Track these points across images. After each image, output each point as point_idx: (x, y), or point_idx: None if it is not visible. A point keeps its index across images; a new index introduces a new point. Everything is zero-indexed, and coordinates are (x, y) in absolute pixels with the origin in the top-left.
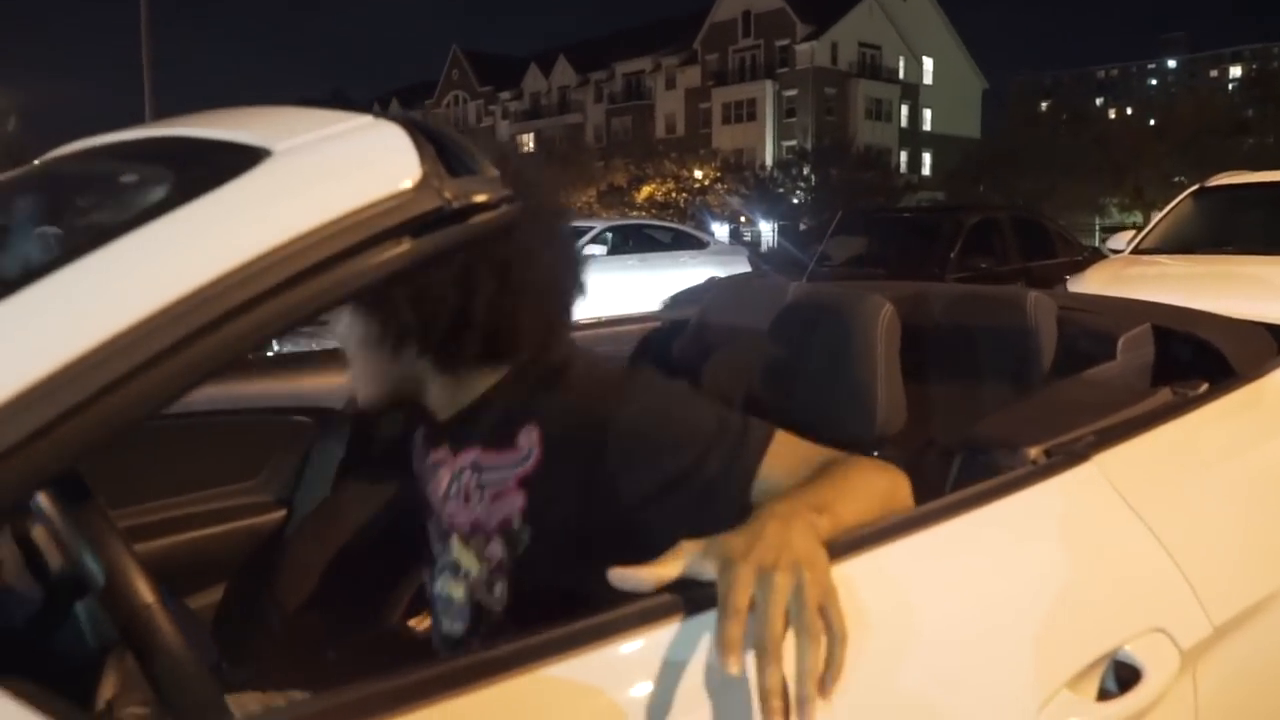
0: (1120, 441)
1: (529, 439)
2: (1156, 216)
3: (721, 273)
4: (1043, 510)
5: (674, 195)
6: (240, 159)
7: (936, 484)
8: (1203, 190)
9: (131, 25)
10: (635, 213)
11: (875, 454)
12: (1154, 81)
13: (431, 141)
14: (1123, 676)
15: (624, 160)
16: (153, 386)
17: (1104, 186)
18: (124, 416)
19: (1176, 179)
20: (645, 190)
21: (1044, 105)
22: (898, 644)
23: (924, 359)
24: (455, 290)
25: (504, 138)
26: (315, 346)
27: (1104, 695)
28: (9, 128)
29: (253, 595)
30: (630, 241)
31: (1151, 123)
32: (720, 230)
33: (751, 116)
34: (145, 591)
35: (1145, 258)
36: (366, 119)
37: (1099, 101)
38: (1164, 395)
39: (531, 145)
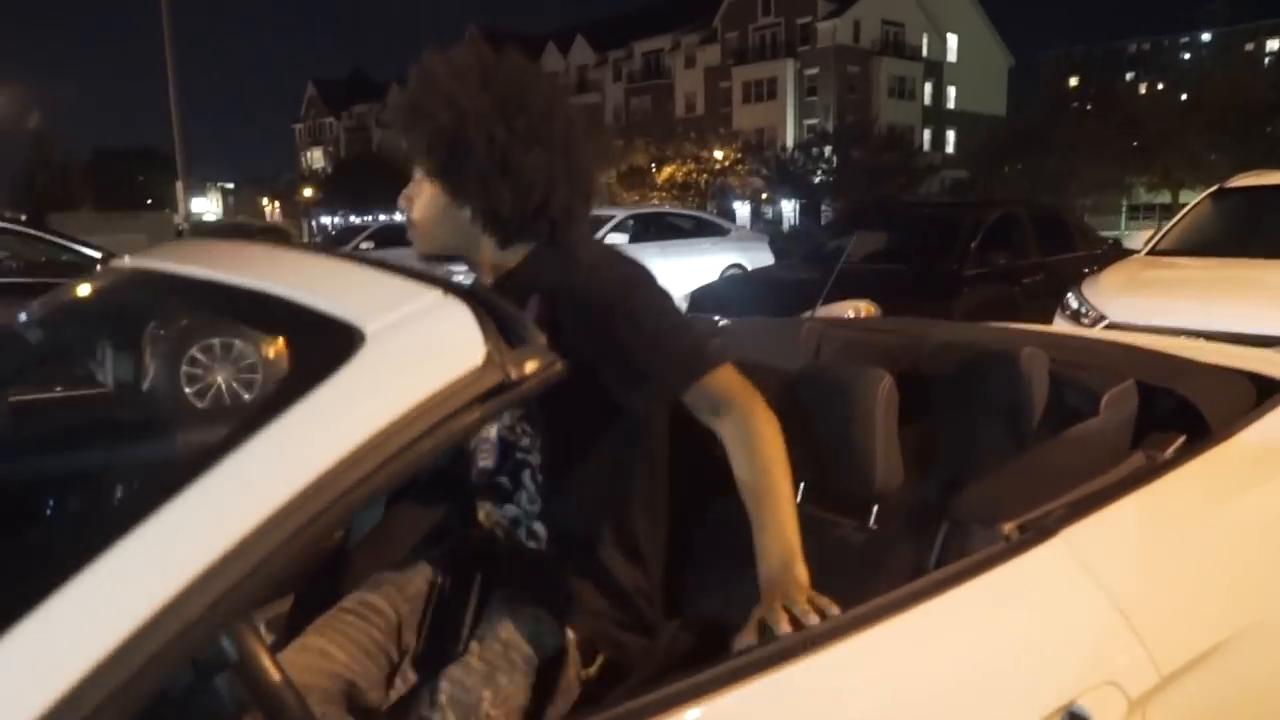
0: (1087, 514)
1: (534, 305)
2: (1185, 196)
3: (743, 259)
4: (1013, 587)
5: (695, 176)
6: (342, 342)
7: (925, 548)
8: (1222, 191)
9: (151, 7)
10: (656, 194)
11: (875, 508)
12: (1187, 55)
13: (491, 316)
14: None
15: (644, 140)
16: (296, 551)
17: (1131, 167)
18: (277, 575)
19: (1212, 157)
20: (666, 171)
21: (1073, 81)
22: (882, 705)
23: (923, 406)
24: (487, 148)
25: None
26: None
27: None
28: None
29: (320, 605)
30: (652, 229)
31: (1184, 97)
32: (742, 209)
33: (772, 95)
34: (272, 670)
35: (1161, 259)
36: (436, 295)
37: (1130, 76)
38: (1136, 460)
39: None
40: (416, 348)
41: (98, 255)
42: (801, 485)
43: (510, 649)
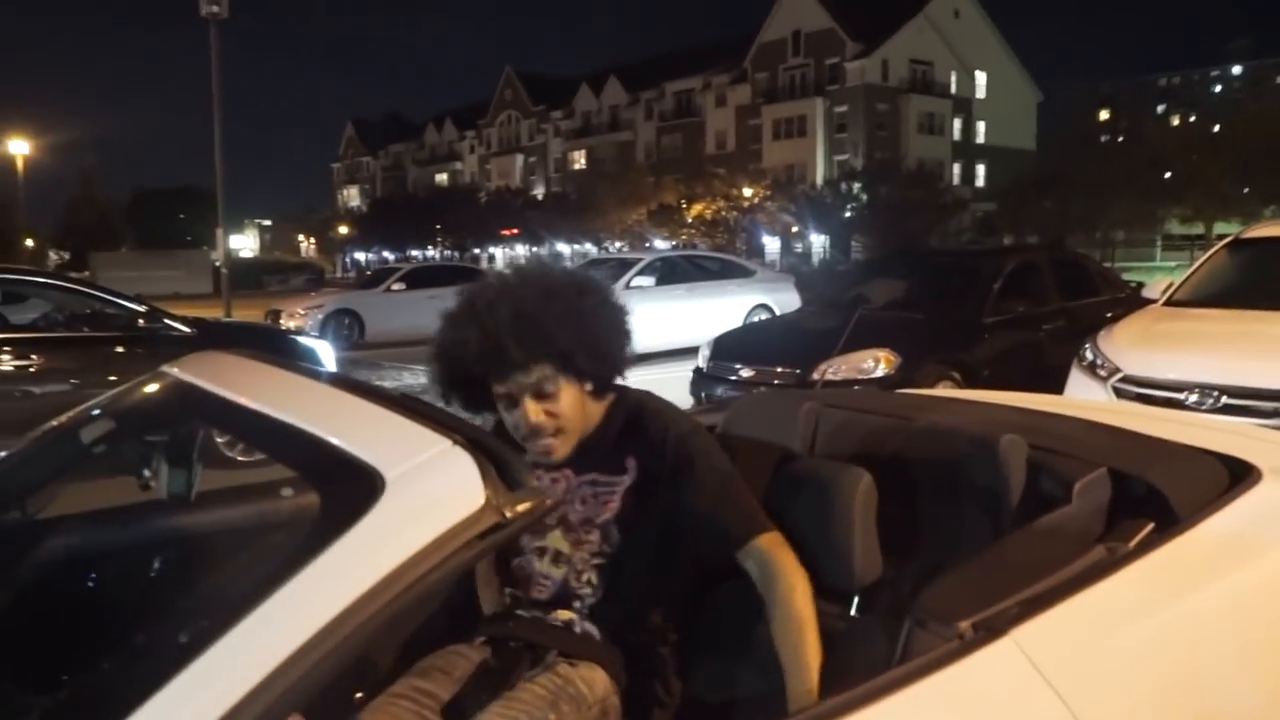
0: (1040, 611)
1: (631, 465)
2: (1220, 228)
3: (769, 300)
4: (964, 684)
5: (724, 213)
6: (367, 486)
7: (895, 641)
8: (1238, 242)
9: (193, 48)
10: (685, 231)
11: (856, 599)
12: (1218, 88)
13: (492, 461)
14: None
15: (674, 178)
16: (330, 667)
17: (1161, 202)
18: (315, 685)
19: (1245, 190)
20: (695, 209)
21: (1103, 115)
22: None
23: (907, 491)
24: (600, 340)
25: (556, 155)
26: None
27: None
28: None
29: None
30: (677, 271)
31: (1216, 128)
32: (771, 244)
33: (802, 133)
34: None
35: (1177, 310)
36: (446, 445)
37: (1160, 109)
38: (1097, 553)
39: (583, 163)
40: (427, 494)
41: (141, 309)
42: None
43: (570, 684)
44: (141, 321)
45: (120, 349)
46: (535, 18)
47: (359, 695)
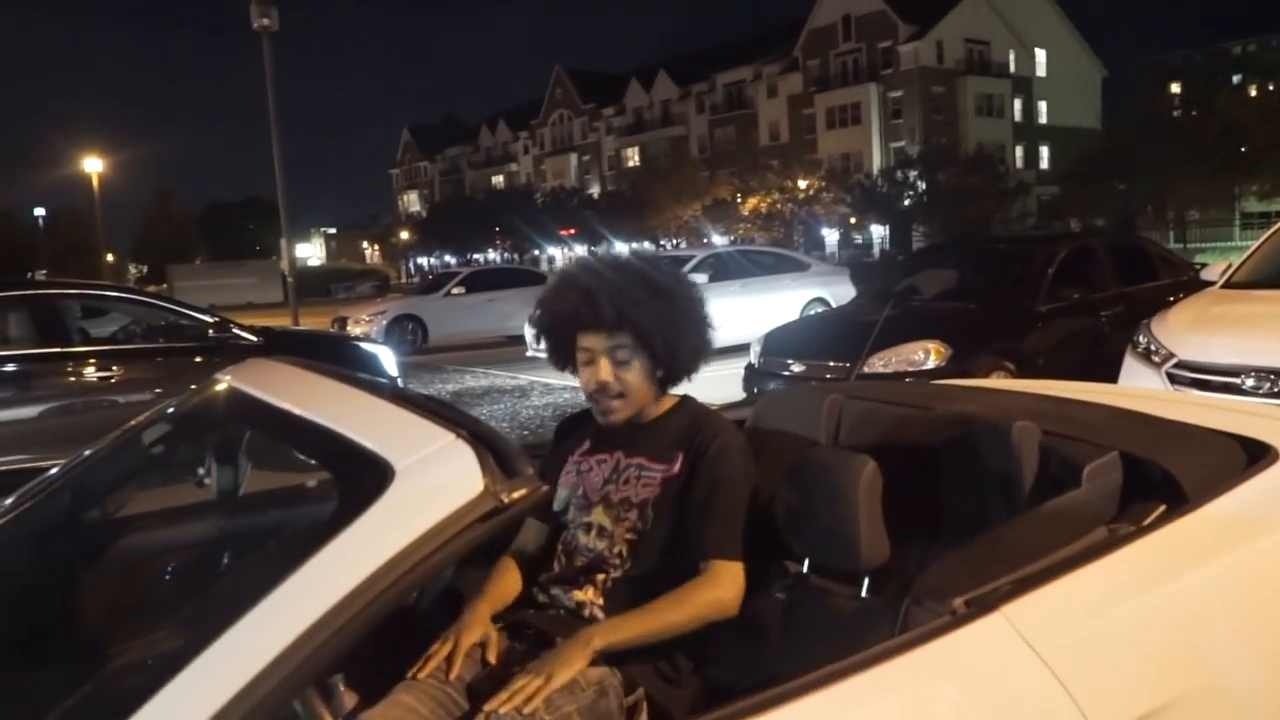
0: (1033, 589)
1: (678, 459)
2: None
3: (825, 293)
4: (954, 656)
5: (779, 206)
6: (378, 475)
7: (894, 621)
8: None
9: (253, 58)
10: (742, 225)
11: (867, 580)
12: None
13: (491, 452)
14: None
15: (728, 171)
16: (349, 635)
17: (1237, 178)
18: (337, 651)
19: None
20: (750, 203)
21: (1175, 88)
22: None
23: (927, 476)
24: (681, 331)
25: (609, 153)
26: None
27: None
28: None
29: (395, 659)
30: (732, 267)
31: None
32: (830, 236)
33: (856, 120)
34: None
35: (1233, 293)
36: (450, 438)
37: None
38: (1099, 534)
39: (636, 160)
40: (432, 482)
41: (211, 319)
42: (806, 560)
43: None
44: (211, 332)
45: (193, 359)
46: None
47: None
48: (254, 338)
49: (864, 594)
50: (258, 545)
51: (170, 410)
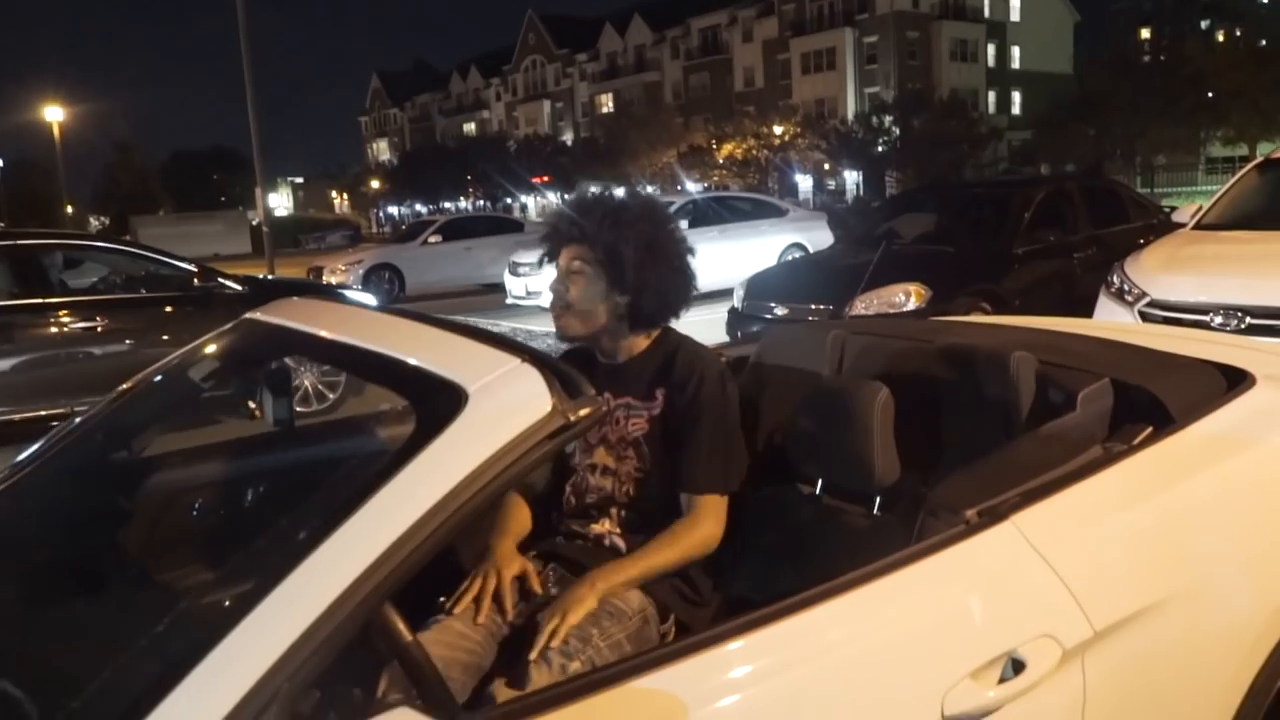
0: (1038, 500)
1: (660, 396)
2: (1264, 149)
3: (802, 238)
4: (968, 560)
5: (755, 153)
6: (453, 397)
7: (910, 531)
8: (1268, 162)
9: (220, 7)
10: (717, 172)
11: (879, 499)
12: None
13: (555, 375)
14: (1017, 668)
15: (703, 118)
16: (431, 547)
17: (1203, 124)
18: (416, 565)
19: None
20: (726, 149)
21: (1145, 34)
22: (859, 646)
23: (928, 404)
24: (649, 265)
25: (583, 100)
26: None
27: (1003, 681)
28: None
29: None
30: (710, 213)
31: (1263, 43)
32: (804, 183)
33: (831, 66)
34: (405, 633)
35: (1205, 234)
36: (516, 361)
37: (1205, 25)
38: (1094, 452)
39: (611, 106)
40: (503, 402)
41: (194, 269)
42: (820, 481)
43: (607, 603)
44: (196, 281)
45: (179, 308)
46: None
47: (442, 599)
48: (240, 287)
49: (875, 512)
50: (336, 469)
51: (213, 348)
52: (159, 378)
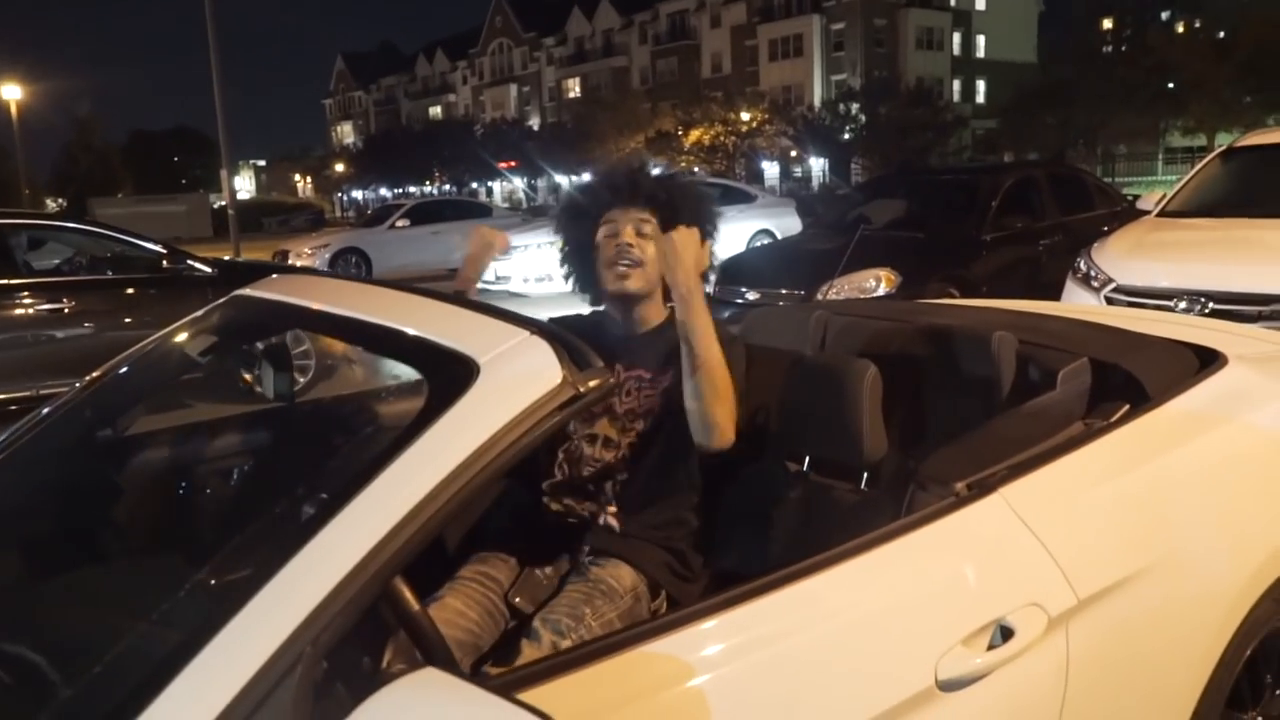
0: (1024, 474)
1: (675, 368)
2: (1222, 139)
3: (770, 224)
4: (958, 531)
5: (722, 139)
6: (465, 369)
7: (901, 504)
8: (1231, 151)
9: None
10: (684, 158)
11: (865, 475)
12: None
13: (564, 347)
14: (1005, 635)
15: (671, 103)
16: (444, 516)
17: (1163, 113)
18: (430, 534)
19: (1246, 99)
20: (693, 135)
21: (1107, 23)
22: (854, 614)
23: (911, 383)
24: (706, 229)
25: (550, 84)
26: None
27: (992, 648)
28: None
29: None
30: None
31: (1221, 35)
32: (770, 169)
33: (799, 52)
34: (412, 601)
35: (1169, 221)
36: (525, 334)
37: (1165, 16)
38: (1075, 428)
39: (578, 91)
40: (515, 373)
41: (163, 250)
42: (807, 457)
43: (600, 583)
44: (165, 263)
45: (148, 290)
46: None
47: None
48: (209, 269)
49: (863, 487)
50: (347, 440)
51: (207, 325)
52: (151, 354)
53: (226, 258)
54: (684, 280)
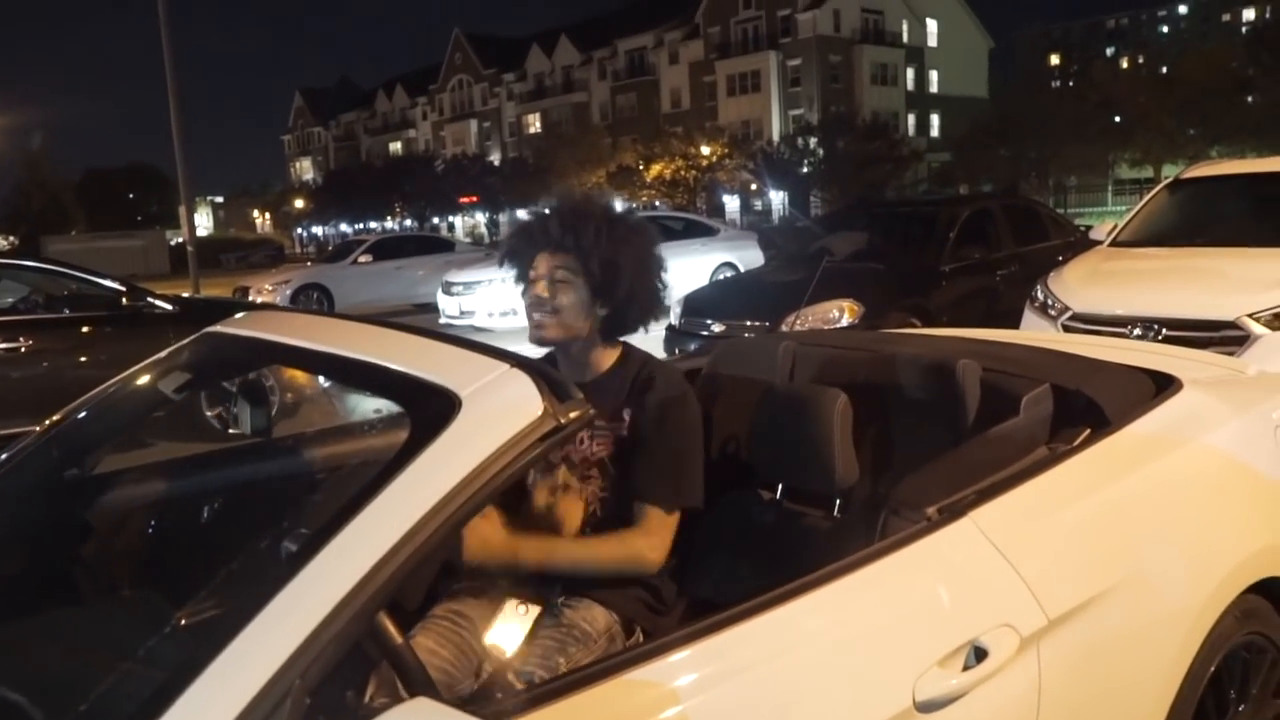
0: (992, 498)
1: (627, 417)
2: (1168, 171)
3: (733, 258)
4: (931, 554)
5: (683, 173)
6: (447, 403)
7: (874, 530)
8: (1176, 183)
9: (138, 22)
10: (646, 192)
11: (838, 502)
12: (1165, 29)
13: (544, 380)
14: (979, 656)
15: (631, 138)
16: (429, 549)
17: (1112, 145)
18: (415, 566)
19: (1190, 132)
20: (654, 169)
21: (1054, 59)
22: (833, 638)
23: (879, 411)
24: (640, 280)
25: (510, 119)
26: None
27: (967, 669)
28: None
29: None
30: None
31: (1164, 70)
32: (731, 202)
33: (756, 88)
34: (396, 635)
35: (1121, 250)
36: (505, 367)
37: (1110, 51)
38: (1040, 452)
39: (538, 126)
40: (497, 406)
41: (122, 288)
42: (780, 485)
43: (574, 627)
44: (125, 300)
45: (107, 328)
46: None
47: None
48: (169, 306)
49: (836, 514)
50: (321, 476)
51: (176, 363)
52: (121, 392)
53: (186, 294)
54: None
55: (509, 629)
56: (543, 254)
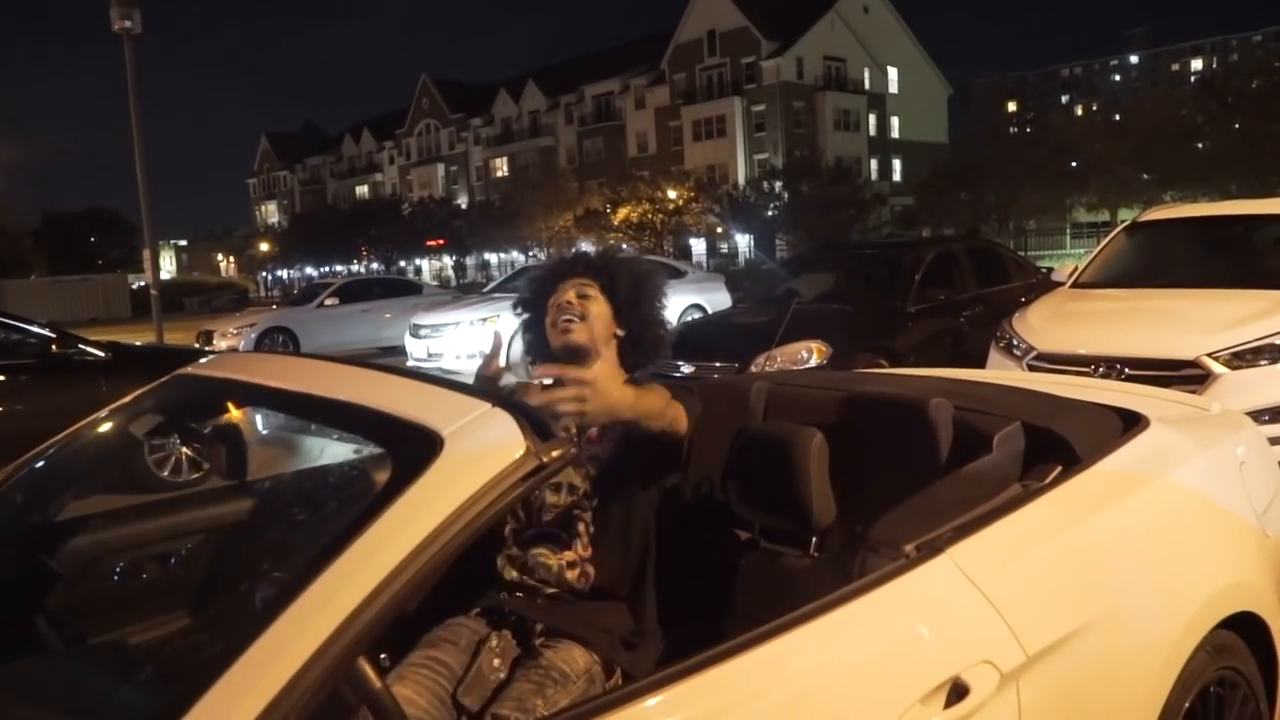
0: (969, 535)
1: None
2: (1124, 214)
3: (701, 299)
4: (910, 592)
5: (650, 216)
6: (428, 443)
7: (851, 568)
8: (1133, 226)
9: (100, 65)
10: (613, 235)
11: (815, 540)
12: (1117, 77)
13: (527, 419)
14: (961, 693)
15: (598, 182)
16: (411, 591)
17: (1068, 190)
18: (397, 609)
19: (1144, 176)
20: (621, 213)
21: (1011, 106)
22: (814, 677)
23: (854, 450)
24: (647, 302)
25: (477, 163)
26: None
27: (948, 706)
28: None
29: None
30: None
31: (1116, 117)
32: (697, 246)
33: (721, 133)
34: (375, 679)
35: (1082, 292)
36: (487, 406)
37: (1065, 99)
38: (1014, 489)
39: (505, 170)
40: (478, 445)
41: (51, 335)
42: (757, 525)
43: (552, 668)
44: (55, 347)
45: (37, 376)
46: (451, 21)
47: (384, 656)
48: (101, 353)
49: (813, 553)
50: (309, 515)
51: (146, 406)
52: (89, 436)
53: (119, 340)
54: (615, 408)
55: (484, 681)
56: (567, 279)
